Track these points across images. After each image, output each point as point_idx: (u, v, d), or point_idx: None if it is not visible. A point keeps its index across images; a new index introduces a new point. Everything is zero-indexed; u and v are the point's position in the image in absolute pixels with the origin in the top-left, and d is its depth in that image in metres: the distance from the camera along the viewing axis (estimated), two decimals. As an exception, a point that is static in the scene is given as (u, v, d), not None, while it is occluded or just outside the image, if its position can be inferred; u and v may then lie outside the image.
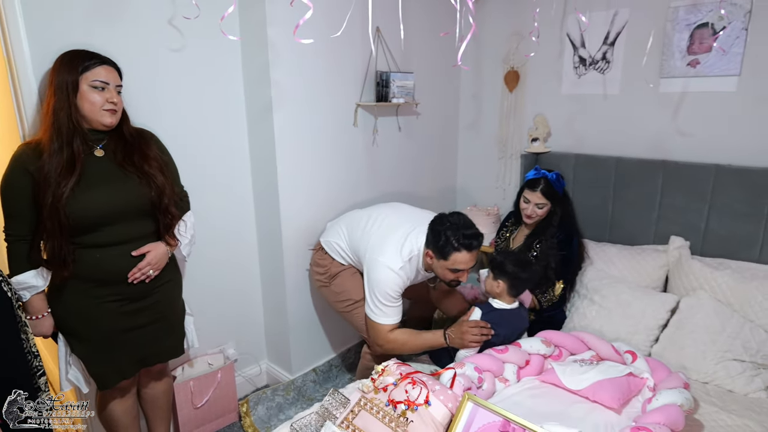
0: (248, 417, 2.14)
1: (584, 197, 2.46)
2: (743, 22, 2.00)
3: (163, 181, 1.56)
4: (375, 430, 1.34)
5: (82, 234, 1.43)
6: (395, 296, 1.85)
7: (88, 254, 1.45)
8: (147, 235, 1.57)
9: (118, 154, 1.51)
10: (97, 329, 1.50)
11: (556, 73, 2.55)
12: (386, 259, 1.84)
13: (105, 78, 1.44)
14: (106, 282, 1.49)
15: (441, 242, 1.77)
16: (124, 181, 1.49)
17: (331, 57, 2.14)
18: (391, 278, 1.83)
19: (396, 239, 1.88)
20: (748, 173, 2.01)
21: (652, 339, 2.00)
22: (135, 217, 1.52)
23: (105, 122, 1.46)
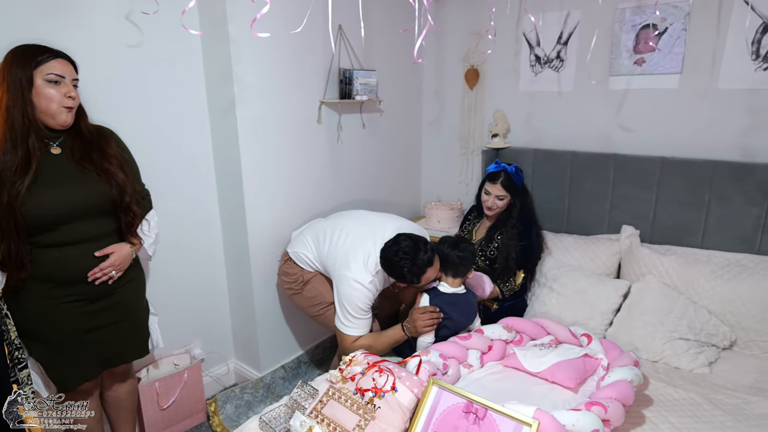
0: (217, 416, 2.13)
1: (542, 190, 2.57)
2: (683, 23, 2.14)
3: (123, 179, 1.53)
4: (343, 417, 1.37)
5: (40, 233, 1.39)
6: (365, 309, 1.89)
7: (46, 254, 1.41)
8: (108, 234, 1.54)
9: (75, 151, 1.47)
10: (57, 331, 1.46)
11: (514, 70, 2.64)
12: (355, 274, 1.87)
13: (60, 71, 1.40)
14: (65, 282, 1.45)
15: (407, 277, 1.82)
16: (82, 179, 1.46)
17: (294, 54, 2.15)
18: (361, 292, 1.86)
19: (363, 254, 1.90)
20: (690, 165, 2.15)
21: (607, 323, 2.12)
22: (95, 216, 1.49)
23: (60, 121, 1.43)
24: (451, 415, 1.32)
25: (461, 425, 1.29)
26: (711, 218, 2.15)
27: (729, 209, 2.10)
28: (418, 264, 1.79)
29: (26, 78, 1.36)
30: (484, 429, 1.26)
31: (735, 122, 2.10)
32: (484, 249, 2.34)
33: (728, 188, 2.08)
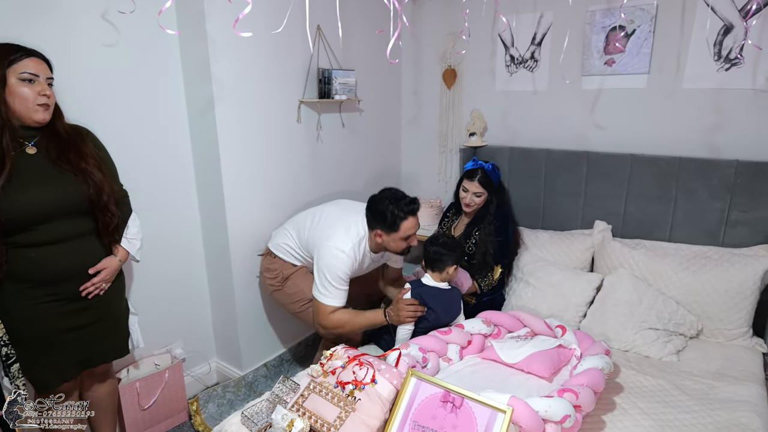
0: (199, 415, 2.13)
1: (519, 187, 2.63)
2: (650, 26, 2.22)
3: (101, 179, 1.53)
4: (324, 410, 1.40)
5: (16, 233, 1.38)
6: (344, 278, 1.92)
7: (22, 254, 1.40)
8: (86, 233, 1.54)
9: (51, 151, 1.47)
10: (35, 331, 1.45)
11: (490, 71, 2.70)
12: (335, 242, 1.92)
13: (34, 70, 1.40)
14: (43, 282, 1.45)
15: (388, 219, 1.88)
16: (59, 179, 1.46)
17: (272, 53, 2.16)
18: (341, 259, 1.90)
19: (343, 225, 1.97)
20: (657, 161, 2.24)
21: (581, 315, 2.19)
22: (72, 216, 1.49)
23: (37, 118, 1.42)
24: (429, 405, 1.35)
25: (439, 414, 1.33)
26: (678, 213, 2.24)
27: (695, 204, 2.19)
28: (400, 207, 1.88)
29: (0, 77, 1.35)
30: (461, 417, 1.30)
31: (699, 120, 2.19)
32: (462, 245, 2.39)
33: (694, 184, 2.17)
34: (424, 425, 1.33)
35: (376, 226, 1.93)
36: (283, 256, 2.12)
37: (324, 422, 1.37)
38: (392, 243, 1.94)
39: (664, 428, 1.51)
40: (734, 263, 2.04)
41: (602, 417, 1.55)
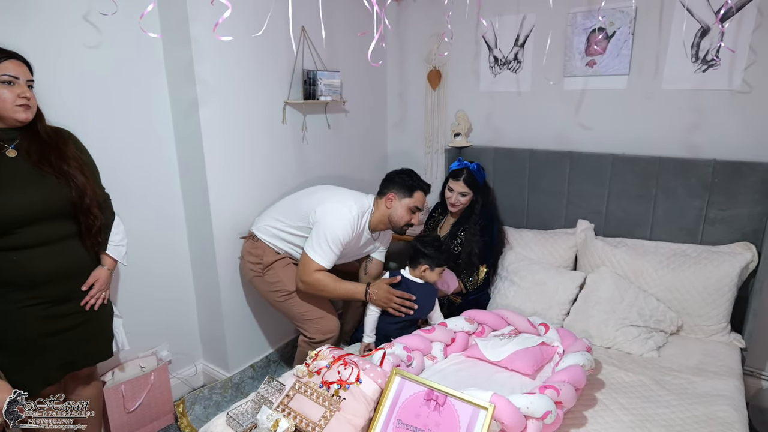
0: (185, 417, 2.12)
1: (504, 188, 2.66)
2: (630, 28, 2.26)
3: (83, 181, 1.52)
4: (309, 410, 1.41)
5: (1, 236, 1.37)
6: (340, 242, 1.96)
7: (3, 257, 1.39)
8: (68, 236, 1.53)
9: (32, 154, 1.46)
10: (17, 334, 1.44)
11: (474, 72, 2.73)
12: (342, 205, 2.00)
13: (14, 72, 1.39)
14: (25, 285, 1.44)
15: (407, 183, 2.05)
16: (40, 182, 1.45)
17: (257, 55, 2.17)
18: (343, 221, 1.96)
19: (350, 194, 2.08)
20: (638, 161, 2.28)
21: (564, 312, 2.22)
22: (54, 219, 1.48)
23: (19, 118, 1.42)
24: (413, 403, 1.37)
25: (423, 412, 1.34)
26: (658, 211, 2.29)
27: (674, 202, 2.24)
28: (414, 178, 2.08)
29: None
30: (444, 415, 1.32)
31: (678, 121, 2.24)
32: (448, 245, 2.41)
33: (673, 183, 2.22)
34: (408, 423, 1.34)
35: (392, 188, 2.06)
36: (267, 239, 2.10)
37: (309, 422, 1.38)
38: (399, 210, 2.05)
39: (644, 423, 1.54)
40: (712, 260, 2.09)
41: (583, 413, 1.58)
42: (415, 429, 1.32)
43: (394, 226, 2.09)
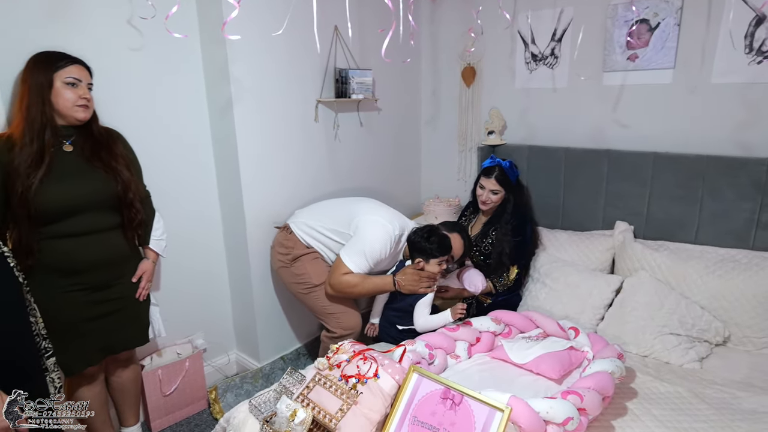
0: (217, 404, 2.21)
1: (538, 187, 2.58)
2: (676, 18, 2.14)
3: (128, 177, 1.65)
4: (327, 402, 1.43)
5: (49, 224, 1.50)
6: (378, 255, 1.99)
7: (53, 244, 1.52)
8: (111, 228, 1.64)
9: (86, 149, 1.59)
10: (62, 318, 1.55)
11: (510, 68, 2.67)
12: (386, 221, 2.02)
13: (77, 75, 1.53)
14: (70, 272, 1.56)
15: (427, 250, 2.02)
16: (91, 175, 1.58)
17: (290, 54, 2.22)
18: (386, 236, 2.00)
19: (394, 213, 2.11)
20: (682, 160, 2.15)
21: (599, 317, 2.13)
22: (101, 210, 1.60)
23: (79, 117, 1.55)
24: (429, 401, 1.36)
25: (438, 410, 1.33)
26: (704, 213, 2.15)
27: (722, 204, 2.10)
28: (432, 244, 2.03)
29: (47, 80, 1.49)
30: (460, 414, 1.30)
31: (728, 117, 2.10)
32: (479, 244, 2.38)
33: (721, 183, 2.08)
34: (423, 421, 1.34)
35: (417, 255, 2.05)
36: (301, 234, 2.14)
37: (327, 413, 1.40)
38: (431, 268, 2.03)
39: (676, 436, 1.46)
40: (765, 267, 1.94)
41: (611, 422, 1.51)
42: (430, 427, 1.32)
43: None
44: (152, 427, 2.12)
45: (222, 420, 1.58)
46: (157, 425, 2.14)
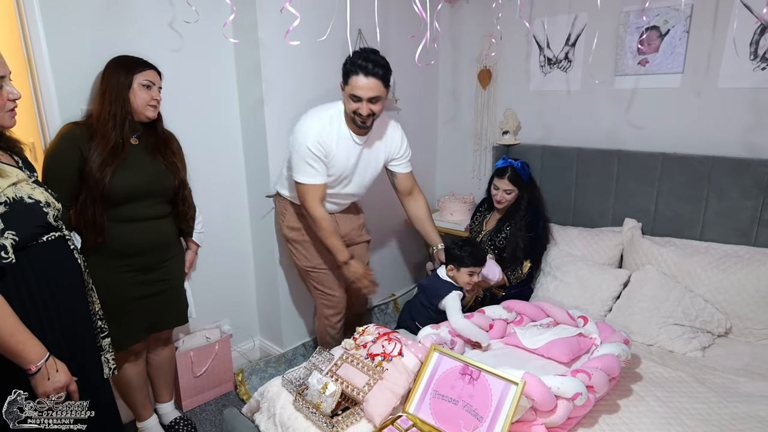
0: (243, 386, 2.35)
1: (550, 185, 2.70)
2: (685, 26, 2.25)
3: (183, 174, 1.83)
4: (354, 377, 1.56)
5: (113, 207, 1.66)
6: (313, 152, 1.89)
7: (113, 227, 1.67)
8: (164, 216, 1.80)
9: (149, 144, 1.77)
10: (114, 297, 1.69)
11: (525, 71, 2.78)
12: (308, 117, 1.97)
13: (153, 79, 1.72)
14: (124, 254, 1.72)
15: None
16: (151, 168, 1.75)
17: (317, 56, 2.35)
18: (309, 129, 1.90)
19: (319, 107, 2.03)
20: (689, 160, 2.25)
21: (606, 309, 2.24)
22: (158, 199, 1.76)
23: (148, 115, 1.73)
24: (449, 377, 1.49)
25: (458, 385, 1.46)
26: (709, 211, 2.25)
27: (727, 203, 2.20)
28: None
29: (127, 81, 1.67)
30: (478, 388, 1.43)
31: (734, 120, 2.19)
32: (493, 239, 2.49)
33: (726, 183, 2.18)
34: (444, 394, 1.46)
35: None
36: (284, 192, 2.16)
37: (354, 387, 1.53)
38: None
39: (678, 415, 1.56)
40: (766, 263, 2.04)
41: (617, 401, 1.63)
42: (450, 399, 1.44)
43: None
44: (183, 406, 2.27)
45: (256, 394, 1.72)
46: (187, 404, 2.28)
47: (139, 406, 1.97)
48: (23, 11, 1.64)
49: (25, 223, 1.19)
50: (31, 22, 1.66)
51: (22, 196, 1.20)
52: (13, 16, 1.66)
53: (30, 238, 1.21)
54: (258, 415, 1.65)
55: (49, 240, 1.27)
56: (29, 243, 1.21)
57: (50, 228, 1.27)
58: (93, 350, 1.44)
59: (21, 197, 1.20)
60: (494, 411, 1.37)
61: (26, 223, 1.20)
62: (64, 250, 1.33)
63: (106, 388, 1.49)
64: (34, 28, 1.66)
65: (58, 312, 1.27)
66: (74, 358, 1.29)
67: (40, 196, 1.26)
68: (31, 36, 1.67)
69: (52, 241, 1.27)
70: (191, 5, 1.92)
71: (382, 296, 3.10)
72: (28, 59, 1.70)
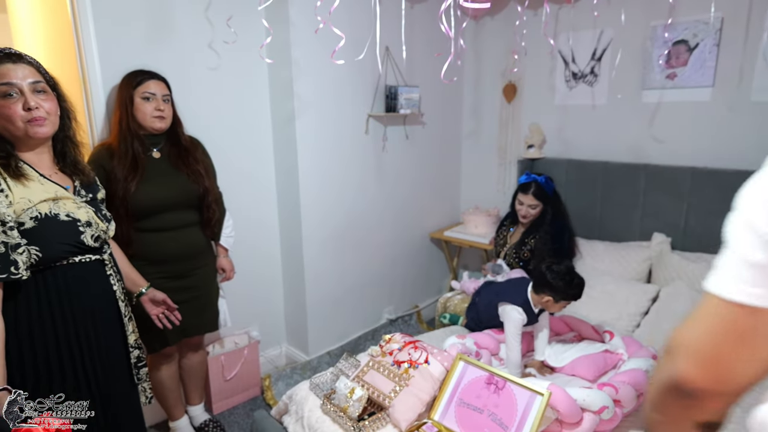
0: (270, 391, 2.40)
1: (575, 199, 2.69)
2: (715, 39, 2.24)
3: (208, 182, 1.87)
4: (381, 384, 1.59)
5: (141, 219, 1.73)
6: None
7: (145, 237, 1.75)
8: (192, 224, 1.86)
9: (172, 156, 1.82)
10: None
11: (550, 86, 2.81)
12: None
13: (153, 90, 1.74)
14: (156, 261, 1.78)
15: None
16: (175, 179, 1.80)
17: (346, 73, 2.43)
18: None
19: None
20: (720, 175, 2.23)
21: (635, 324, 2.21)
22: (184, 208, 1.82)
23: (155, 127, 1.76)
24: (474, 386, 1.50)
25: (483, 394, 1.47)
26: (742, 226, 2.21)
27: (760, 218, 2.15)
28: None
29: (129, 96, 1.73)
30: (503, 398, 1.44)
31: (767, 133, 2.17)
32: (518, 251, 2.50)
33: (759, 197, 2.14)
34: (469, 403, 1.48)
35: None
36: None
37: (380, 393, 1.56)
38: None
39: (709, 433, 1.54)
40: (803, 280, 1.99)
41: (645, 416, 1.61)
42: (476, 408, 1.46)
43: None
44: (213, 409, 2.33)
45: (284, 396, 1.77)
46: (217, 407, 2.34)
47: (172, 407, 2.04)
48: (80, 31, 1.76)
49: (55, 240, 1.18)
50: (87, 47, 1.78)
51: (57, 213, 1.19)
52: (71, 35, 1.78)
53: (59, 255, 1.19)
54: (286, 418, 1.69)
55: (83, 261, 1.25)
56: (57, 261, 1.19)
57: (85, 249, 1.25)
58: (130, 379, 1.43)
59: (57, 214, 1.19)
60: (519, 421, 1.38)
61: (57, 240, 1.18)
62: (99, 274, 1.30)
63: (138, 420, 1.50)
64: (88, 46, 1.77)
65: (78, 335, 1.25)
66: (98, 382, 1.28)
67: (82, 215, 1.24)
68: (86, 54, 1.78)
69: (85, 263, 1.25)
70: (230, 27, 2.03)
71: (405, 308, 3.13)
72: (82, 76, 1.81)
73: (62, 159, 1.31)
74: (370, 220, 2.76)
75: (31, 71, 1.19)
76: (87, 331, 1.27)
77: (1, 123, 1.17)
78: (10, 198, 1.14)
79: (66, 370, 1.24)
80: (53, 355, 1.21)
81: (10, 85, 1.15)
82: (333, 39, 2.12)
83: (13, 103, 1.15)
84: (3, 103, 1.15)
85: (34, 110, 1.17)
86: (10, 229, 1.12)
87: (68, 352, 1.24)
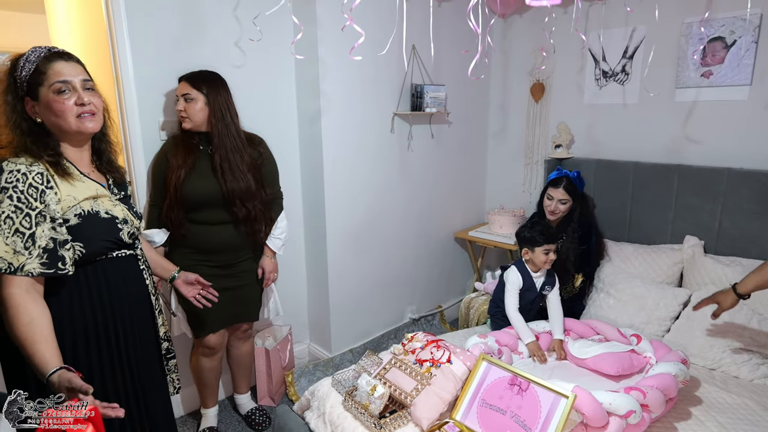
0: (292, 387, 2.43)
1: (604, 200, 2.63)
2: (753, 36, 2.16)
3: (250, 181, 1.88)
4: (403, 381, 1.59)
5: (190, 211, 1.84)
6: None
7: (193, 228, 1.87)
8: (235, 221, 1.91)
9: (218, 154, 1.86)
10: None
11: (579, 85, 2.75)
12: None
13: (182, 91, 1.85)
14: (203, 251, 1.89)
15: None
16: (214, 175, 1.85)
17: (372, 71, 2.44)
18: None
19: None
20: (758, 176, 2.14)
21: (664, 329, 2.15)
22: (227, 204, 1.87)
23: (183, 127, 1.87)
24: (497, 386, 1.49)
25: (506, 395, 1.46)
26: (780, 230, 2.12)
27: (800, 221, 2.07)
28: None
29: (176, 96, 1.85)
30: (527, 399, 1.42)
31: (809, 134, 2.08)
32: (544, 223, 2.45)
33: (799, 200, 2.06)
34: (491, 404, 1.46)
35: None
36: None
37: (402, 391, 1.57)
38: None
39: (743, 444, 1.49)
40: None
41: (674, 423, 1.57)
42: (498, 409, 1.44)
43: None
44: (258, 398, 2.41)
45: (307, 392, 1.79)
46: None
47: (206, 396, 2.13)
48: (114, 31, 1.82)
49: (96, 236, 1.22)
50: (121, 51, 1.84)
51: (98, 211, 1.24)
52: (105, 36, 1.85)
53: (100, 251, 1.24)
54: (308, 413, 1.71)
55: (120, 256, 1.30)
56: (98, 257, 1.24)
57: (122, 245, 1.30)
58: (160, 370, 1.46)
59: (97, 211, 1.23)
60: (543, 423, 1.36)
61: (98, 236, 1.23)
62: (134, 268, 1.35)
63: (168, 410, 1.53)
64: (122, 46, 1.84)
65: (117, 328, 1.28)
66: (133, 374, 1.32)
67: (119, 212, 1.29)
68: (119, 54, 1.84)
69: (122, 257, 1.30)
70: (256, 25, 2.06)
71: (428, 307, 3.12)
72: (115, 74, 1.87)
73: (99, 157, 1.35)
74: (394, 219, 2.76)
75: (81, 69, 1.24)
76: (124, 325, 1.30)
77: (52, 119, 1.21)
78: (58, 195, 1.18)
79: (104, 364, 1.26)
80: (93, 349, 1.25)
81: (65, 83, 1.19)
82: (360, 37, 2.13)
83: (67, 99, 1.19)
84: (57, 98, 1.19)
85: (87, 105, 1.21)
86: (59, 226, 1.16)
87: (106, 346, 1.27)
